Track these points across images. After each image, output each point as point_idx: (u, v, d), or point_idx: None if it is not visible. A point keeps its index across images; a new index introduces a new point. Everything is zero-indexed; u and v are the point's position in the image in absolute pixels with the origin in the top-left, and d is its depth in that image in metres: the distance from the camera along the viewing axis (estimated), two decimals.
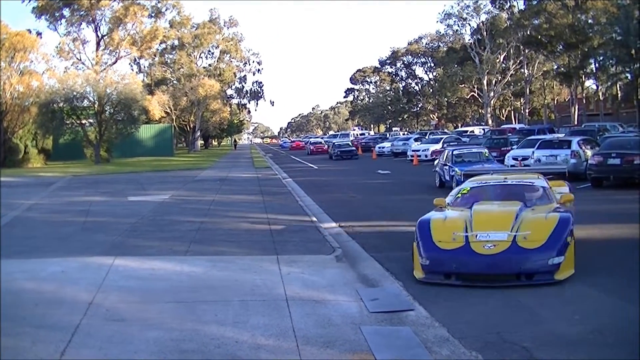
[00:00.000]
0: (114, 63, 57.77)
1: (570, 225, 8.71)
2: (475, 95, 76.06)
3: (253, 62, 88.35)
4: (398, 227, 13.32)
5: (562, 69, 59.98)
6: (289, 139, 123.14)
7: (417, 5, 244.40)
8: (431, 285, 8.46)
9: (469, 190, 10.64)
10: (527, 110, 72.22)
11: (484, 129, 54.90)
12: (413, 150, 42.00)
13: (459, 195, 10.67)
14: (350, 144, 52.70)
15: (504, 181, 10.81)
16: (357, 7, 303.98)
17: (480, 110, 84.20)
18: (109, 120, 45.73)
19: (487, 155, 22.30)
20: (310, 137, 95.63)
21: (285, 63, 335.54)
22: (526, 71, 68.47)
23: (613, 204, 16.62)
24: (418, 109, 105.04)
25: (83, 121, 45.96)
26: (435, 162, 23.36)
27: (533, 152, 23.88)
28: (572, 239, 8.55)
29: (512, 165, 23.99)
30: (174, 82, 77.05)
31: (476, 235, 8.54)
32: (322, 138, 78.37)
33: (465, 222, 8.94)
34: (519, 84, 72.39)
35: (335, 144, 52.19)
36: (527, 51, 65.20)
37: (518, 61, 69.06)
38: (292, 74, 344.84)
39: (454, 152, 22.07)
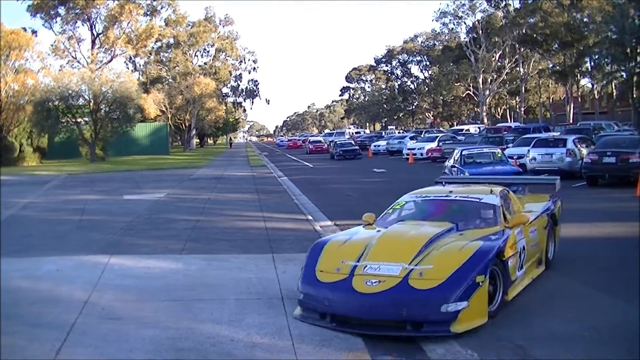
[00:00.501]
0: (110, 61, 57.77)
1: (488, 259, 6.72)
2: (471, 93, 76.11)
3: (248, 60, 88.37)
4: None
5: (558, 67, 60.10)
6: (286, 138, 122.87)
7: (413, 3, 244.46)
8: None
9: (403, 205, 8.89)
10: (522, 109, 72.31)
11: (479, 128, 54.82)
12: (409, 149, 42.00)
13: (390, 210, 8.95)
14: (352, 142, 50.26)
15: (446, 196, 8.74)
16: (353, 5, 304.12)
17: (475, 109, 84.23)
18: (105, 119, 45.65)
19: (500, 155, 20.66)
20: (308, 136, 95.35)
21: (281, 61, 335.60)
22: (522, 70, 68.55)
23: (608, 202, 16.65)
24: (414, 107, 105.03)
25: (78, 119, 45.89)
26: (446, 162, 22.02)
27: (528, 150, 23.92)
28: (485, 277, 6.55)
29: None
30: (170, 80, 76.95)
31: (365, 267, 6.84)
32: (322, 137, 76.24)
33: (365, 248, 7.23)
34: (514, 83, 72.49)
35: (337, 142, 49.66)
36: (522, 50, 65.27)
37: (514, 60, 69.11)
38: (288, 72, 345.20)
39: (464, 153, 20.77)
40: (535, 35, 58.70)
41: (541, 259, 8.88)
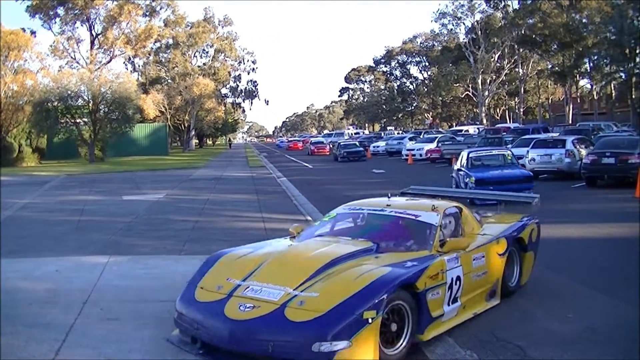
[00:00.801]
0: (109, 62, 57.80)
1: (385, 291, 5.48)
2: (470, 94, 76.07)
3: (248, 61, 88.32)
4: None
5: (557, 68, 60.06)
6: (286, 138, 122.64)
7: (412, 4, 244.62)
8: None
9: (334, 217, 7.82)
10: (521, 110, 72.30)
11: (478, 128, 54.85)
12: (408, 150, 42.03)
13: (318, 222, 8.07)
14: (357, 144, 47.82)
15: (381, 210, 7.48)
16: (352, 6, 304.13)
17: (474, 110, 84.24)
18: (104, 119, 45.64)
19: (510, 158, 18.88)
20: (307, 136, 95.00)
21: (280, 62, 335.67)
22: (521, 70, 68.56)
23: (607, 203, 16.66)
24: (412, 108, 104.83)
25: (77, 120, 45.88)
26: (454, 165, 20.54)
27: (527, 151, 23.93)
28: (377, 313, 5.35)
29: None
30: (169, 81, 76.86)
31: (247, 287, 5.94)
32: (324, 138, 74.77)
33: (260, 265, 6.34)
34: (513, 83, 72.51)
35: (341, 144, 47.78)
36: (521, 50, 65.26)
37: (512, 60, 69.12)
38: (287, 73, 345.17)
39: (471, 155, 19.12)
40: (534, 36, 58.67)
41: (495, 291, 7.43)
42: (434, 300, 6.14)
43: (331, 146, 57.27)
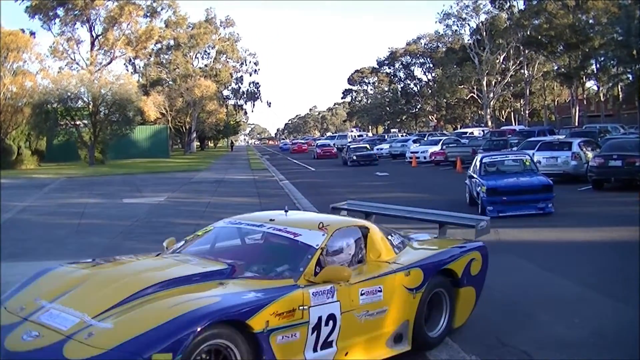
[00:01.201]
0: (109, 63, 57.89)
1: (191, 331, 4.32)
2: (475, 96, 76.06)
3: (250, 62, 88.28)
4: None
5: (563, 69, 60.05)
6: (289, 140, 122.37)
7: (416, 5, 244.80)
8: None
9: (209, 231, 6.69)
10: (527, 112, 72.23)
11: (483, 131, 54.56)
12: (412, 152, 42.02)
13: (191, 236, 6.76)
14: (367, 147, 44.84)
15: (260, 226, 6.29)
16: (355, 7, 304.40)
17: (479, 112, 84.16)
18: (104, 121, 45.71)
19: (529, 164, 16.99)
20: (310, 139, 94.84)
21: (282, 63, 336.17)
22: (526, 72, 68.51)
23: (614, 206, 16.64)
24: (417, 110, 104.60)
25: (77, 122, 45.94)
26: (469, 170, 18.38)
27: (533, 154, 23.86)
28: (175, 357, 4.21)
29: None
30: (170, 82, 76.91)
31: (48, 311, 4.92)
32: (328, 140, 73.38)
33: (79, 284, 5.28)
34: (518, 85, 72.42)
35: (351, 147, 44.74)
36: (527, 52, 65.25)
37: (518, 62, 69.09)
38: (289, 74, 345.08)
39: (485, 160, 17.13)
40: (539, 37, 58.69)
41: (402, 335, 5.94)
42: (287, 344, 4.90)
43: (336, 149, 56.68)
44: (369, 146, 45.86)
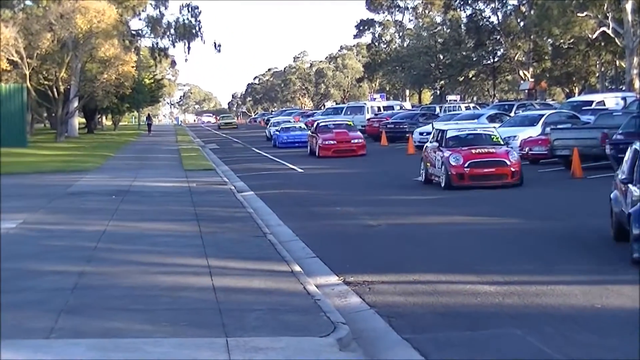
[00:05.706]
0: None
1: None
2: (609, 32, 46.10)
3: None
4: (461, 286, 9.21)
5: None
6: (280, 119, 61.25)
7: None
8: None
9: None
10: None
11: (624, 99, 34.56)
12: None
13: None
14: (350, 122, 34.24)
15: None
16: None
17: (617, 63, 56.94)
18: None
19: None
20: (297, 113, 66.07)
21: None
22: None
23: None
24: (495, 60, 67.33)
25: None
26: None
27: None
28: None
29: None
30: (28, 3, 49.50)
31: None
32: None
33: None
34: None
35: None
36: None
37: None
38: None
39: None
40: None
41: None
42: None
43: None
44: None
